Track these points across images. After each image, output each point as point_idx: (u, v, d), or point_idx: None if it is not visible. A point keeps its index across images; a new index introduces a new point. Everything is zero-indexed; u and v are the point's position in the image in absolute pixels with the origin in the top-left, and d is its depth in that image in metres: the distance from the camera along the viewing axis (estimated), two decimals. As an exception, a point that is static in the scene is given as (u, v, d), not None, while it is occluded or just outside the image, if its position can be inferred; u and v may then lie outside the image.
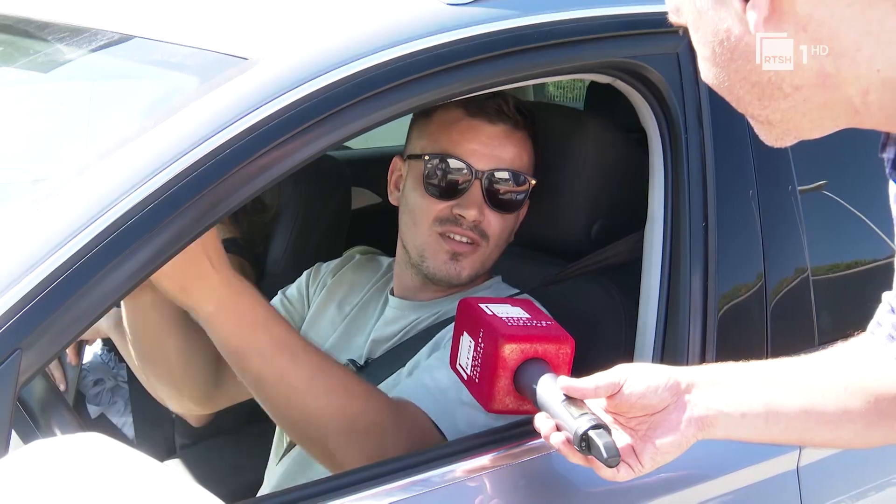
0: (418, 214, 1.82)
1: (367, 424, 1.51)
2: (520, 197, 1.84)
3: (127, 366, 2.41)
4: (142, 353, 1.79)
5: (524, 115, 1.83)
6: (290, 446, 1.89)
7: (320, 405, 1.49)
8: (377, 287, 1.98)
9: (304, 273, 2.09)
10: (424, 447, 1.55)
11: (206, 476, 2.36)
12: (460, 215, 1.78)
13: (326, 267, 2.07)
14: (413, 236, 1.83)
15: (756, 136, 1.14)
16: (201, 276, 1.43)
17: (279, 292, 2.08)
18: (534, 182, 1.84)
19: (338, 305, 1.98)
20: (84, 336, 1.89)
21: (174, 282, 1.43)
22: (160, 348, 1.74)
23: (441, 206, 1.80)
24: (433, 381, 1.64)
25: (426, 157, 1.80)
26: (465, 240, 1.80)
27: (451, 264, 1.80)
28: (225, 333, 1.47)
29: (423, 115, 1.87)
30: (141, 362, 1.81)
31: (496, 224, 1.81)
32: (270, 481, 1.87)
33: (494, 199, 1.80)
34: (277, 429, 1.96)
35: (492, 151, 1.80)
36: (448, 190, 1.79)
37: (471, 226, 1.79)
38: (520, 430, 1.50)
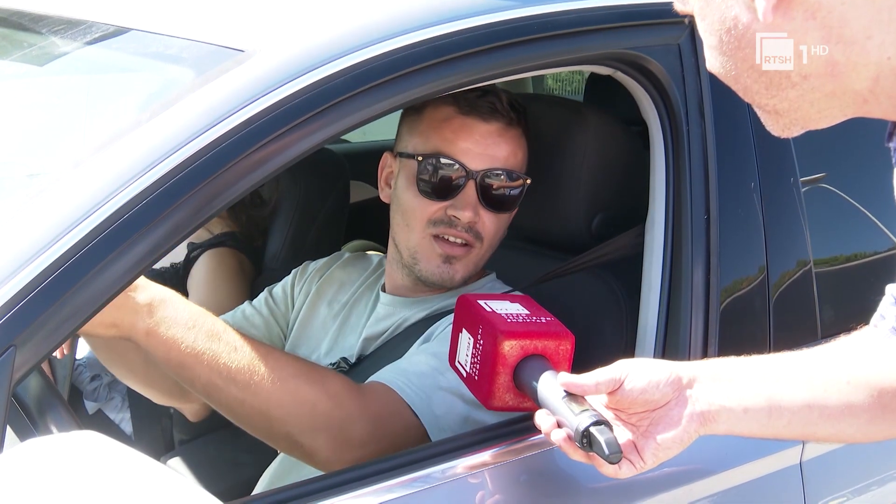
0: (411, 215, 1.79)
1: (327, 409, 1.49)
2: (514, 195, 1.81)
3: (125, 361, 2.39)
4: (130, 383, 1.84)
5: (517, 111, 1.79)
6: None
7: (274, 396, 1.46)
8: (367, 284, 1.96)
9: (293, 271, 2.07)
10: (396, 428, 1.55)
11: (204, 472, 2.35)
12: (455, 217, 1.75)
13: (314, 265, 2.05)
14: (406, 238, 1.81)
15: (758, 128, 1.14)
16: (120, 306, 1.38)
17: (265, 290, 2.06)
18: (528, 181, 1.82)
19: (328, 304, 1.96)
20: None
21: (101, 324, 1.39)
22: (143, 377, 1.77)
23: (435, 208, 1.76)
24: (409, 365, 1.63)
25: (419, 158, 1.77)
26: (459, 241, 1.77)
27: (444, 268, 1.78)
28: (165, 347, 1.43)
29: (413, 112, 1.83)
30: (133, 387, 1.84)
31: (490, 224, 1.78)
32: (264, 479, 1.86)
33: (489, 198, 1.77)
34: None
35: (486, 150, 1.76)
36: (442, 190, 1.76)
37: (465, 227, 1.76)
38: (521, 426, 1.49)
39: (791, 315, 1.76)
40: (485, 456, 1.47)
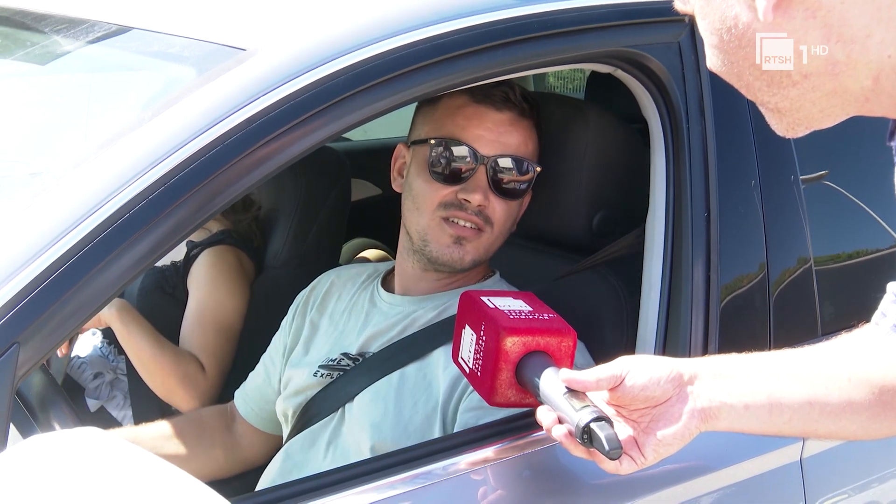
0: (421, 199, 1.81)
1: None
2: (524, 185, 1.83)
3: (126, 358, 2.40)
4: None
5: (530, 103, 1.83)
6: (288, 437, 1.89)
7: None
8: (363, 286, 1.97)
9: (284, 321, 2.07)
10: None
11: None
12: (465, 200, 1.78)
13: (303, 294, 2.05)
14: (416, 221, 1.82)
15: (759, 126, 1.14)
16: None
17: (262, 358, 2.07)
18: (538, 169, 1.84)
19: (329, 317, 1.97)
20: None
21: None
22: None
23: (445, 192, 1.79)
24: None
25: (431, 142, 1.80)
26: (469, 225, 1.79)
27: (454, 248, 1.79)
28: None
29: (428, 102, 1.87)
30: None
31: (500, 210, 1.81)
32: (265, 476, 1.87)
33: (499, 184, 1.80)
34: (281, 422, 1.97)
35: (497, 137, 1.80)
36: (453, 175, 1.79)
37: (475, 211, 1.78)
38: (524, 422, 1.49)
39: (791, 312, 1.76)
40: (487, 452, 1.47)
